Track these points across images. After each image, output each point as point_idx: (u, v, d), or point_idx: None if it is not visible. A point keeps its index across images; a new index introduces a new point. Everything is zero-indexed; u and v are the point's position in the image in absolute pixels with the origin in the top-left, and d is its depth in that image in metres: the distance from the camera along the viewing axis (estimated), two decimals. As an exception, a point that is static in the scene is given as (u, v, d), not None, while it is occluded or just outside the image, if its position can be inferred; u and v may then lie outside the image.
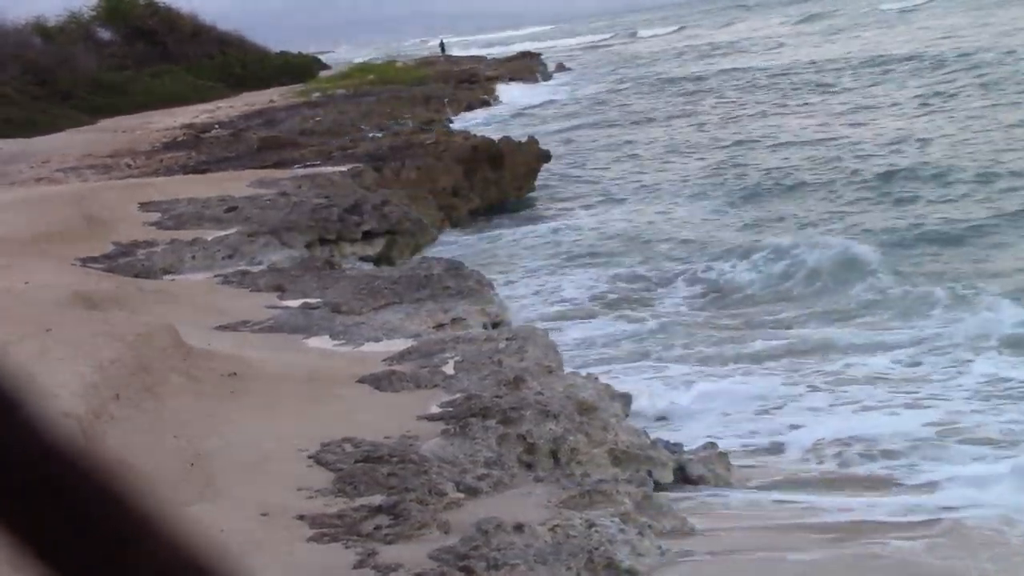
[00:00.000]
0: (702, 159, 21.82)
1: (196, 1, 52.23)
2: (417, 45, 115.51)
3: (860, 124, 23.15)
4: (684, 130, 26.42)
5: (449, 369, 7.05)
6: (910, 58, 32.41)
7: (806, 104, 27.61)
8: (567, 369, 7.70)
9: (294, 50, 57.89)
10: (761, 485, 6.96)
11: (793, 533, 6.07)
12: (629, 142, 25.74)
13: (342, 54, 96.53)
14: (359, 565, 4.50)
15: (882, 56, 34.30)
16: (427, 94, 34.40)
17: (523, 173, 19.36)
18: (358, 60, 58.93)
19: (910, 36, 40.78)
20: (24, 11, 45.36)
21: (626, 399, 7.44)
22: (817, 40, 48.32)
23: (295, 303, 9.25)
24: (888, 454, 7.56)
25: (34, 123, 31.24)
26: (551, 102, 37.04)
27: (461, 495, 5.25)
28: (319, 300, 9.29)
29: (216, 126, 28.24)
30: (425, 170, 17.71)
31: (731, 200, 17.65)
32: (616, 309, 12.32)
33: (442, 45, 68.49)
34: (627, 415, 7.15)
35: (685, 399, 8.75)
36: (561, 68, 52.86)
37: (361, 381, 6.90)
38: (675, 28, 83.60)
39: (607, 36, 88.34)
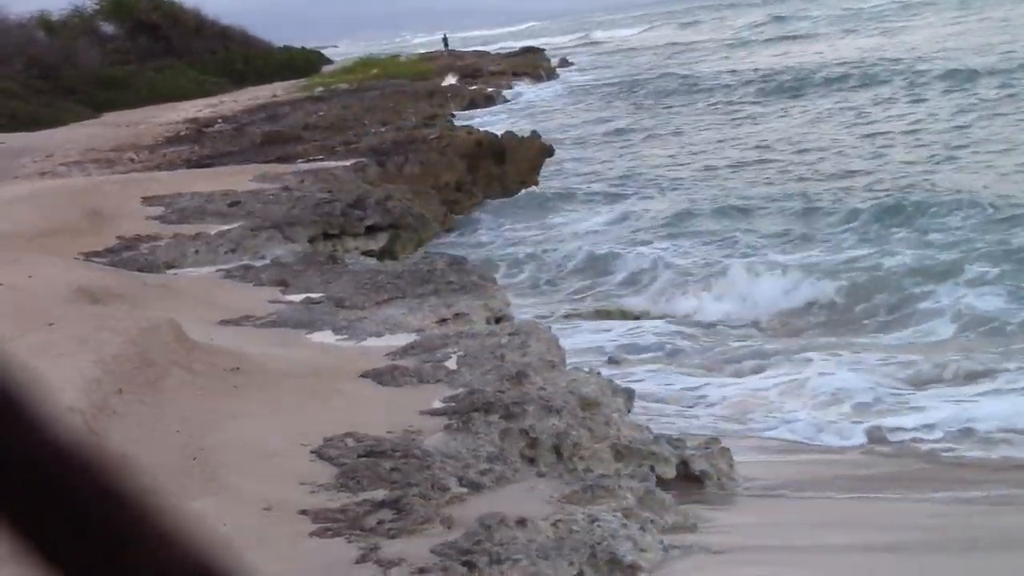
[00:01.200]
0: (725, 156, 21.81)
1: (199, -4, 52.10)
2: (405, 40, 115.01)
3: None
4: (691, 129, 26.39)
5: (452, 364, 7.05)
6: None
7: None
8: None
9: (297, 45, 57.86)
10: (766, 483, 6.95)
11: (796, 531, 6.07)
12: (631, 135, 25.76)
13: (342, 49, 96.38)
14: (361, 560, 4.51)
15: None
16: (431, 89, 34.39)
17: (526, 168, 19.35)
18: (337, 62, 57.86)
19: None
20: (28, 6, 45.33)
21: (629, 394, 7.44)
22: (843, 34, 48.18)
23: (298, 298, 9.25)
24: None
25: (38, 118, 31.26)
26: (559, 97, 37.02)
27: (464, 490, 5.25)
28: (322, 295, 9.29)
29: (219, 121, 28.24)
30: (428, 165, 17.71)
31: (749, 192, 17.64)
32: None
33: (445, 40, 68.43)
34: (629, 410, 7.15)
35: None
36: (564, 63, 52.74)
37: (364, 376, 6.90)
38: (640, 30, 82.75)
39: (570, 38, 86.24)
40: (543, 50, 56.94)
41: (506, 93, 38.68)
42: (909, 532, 6.03)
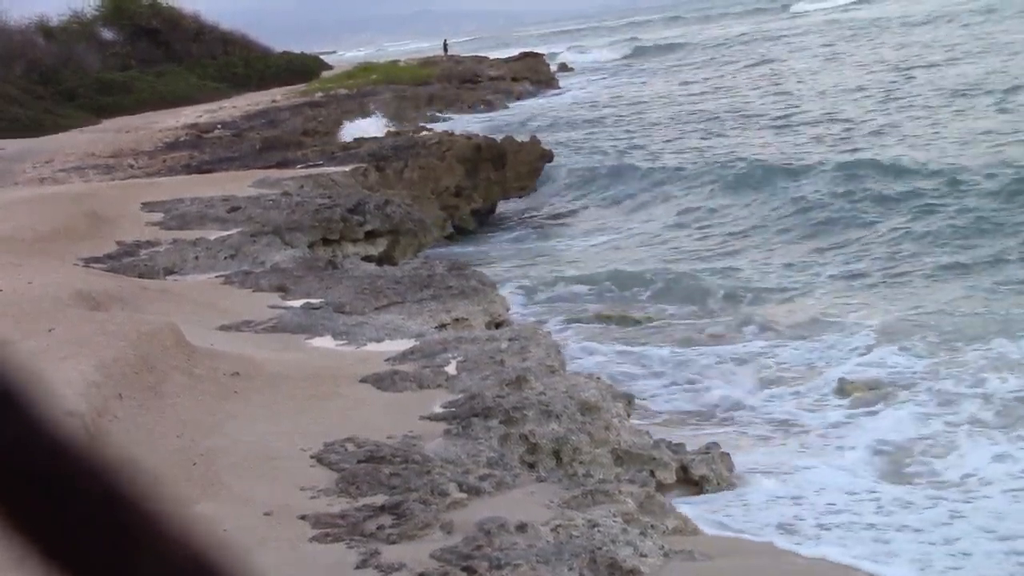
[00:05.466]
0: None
1: (200, 2, 51.89)
2: (386, 48, 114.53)
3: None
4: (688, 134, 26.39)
5: (451, 369, 7.05)
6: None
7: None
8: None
9: (297, 50, 57.81)
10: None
11: (796, 534, 6.07)
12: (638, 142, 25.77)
13: (341, 55, 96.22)
14: (362, 565, 4.51)
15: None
16: (431, 94, 34.40)
17: (525, 172, 19.37)
18: (336, 67, 57.06)
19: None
20: (27, 11, 45.27)
21: (628, 399, 7.44)
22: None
23: (298, 303, 9.25)
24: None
25: (38, 123, 31.25)
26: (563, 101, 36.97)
27: (464, 495, 5.25)
28: (322, 300, 9.29)
29: (219, 126, 28.23)
30: (428, 170, 17.73)
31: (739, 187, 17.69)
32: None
33: (445, 45, 68.56)
34: (629, 415, 7.16)
35: None
36: (564, 68, 52.70)
37: (364, 381, 6.90)
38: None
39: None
40: (543, 55, 56.78)
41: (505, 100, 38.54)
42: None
